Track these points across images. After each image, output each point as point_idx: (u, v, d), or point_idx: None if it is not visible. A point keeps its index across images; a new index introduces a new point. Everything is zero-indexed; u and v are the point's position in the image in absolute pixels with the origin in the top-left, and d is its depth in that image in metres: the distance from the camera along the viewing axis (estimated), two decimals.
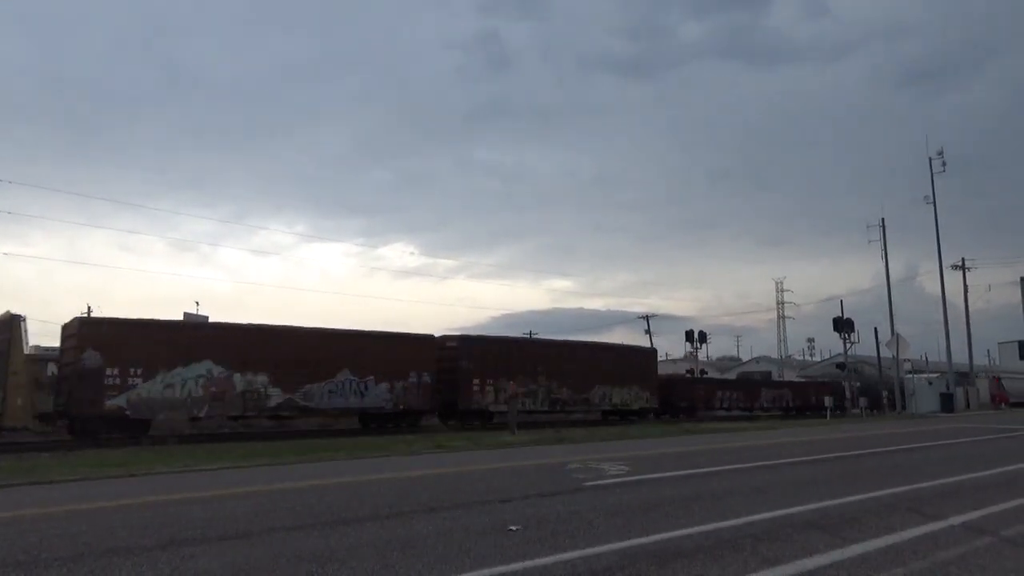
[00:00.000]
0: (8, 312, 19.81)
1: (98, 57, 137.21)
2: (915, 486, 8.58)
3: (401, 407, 23.90)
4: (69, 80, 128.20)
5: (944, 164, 46.05)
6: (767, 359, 79.61)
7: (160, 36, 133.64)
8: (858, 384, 45.26)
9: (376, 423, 23.86)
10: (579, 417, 29.80)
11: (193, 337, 21.05)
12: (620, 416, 30.65)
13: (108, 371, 18.97)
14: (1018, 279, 53.86)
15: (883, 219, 46.06)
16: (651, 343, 63.52)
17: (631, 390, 31.14)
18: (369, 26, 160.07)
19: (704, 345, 56.72)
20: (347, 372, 22.80)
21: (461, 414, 25.83)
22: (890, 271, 46.26)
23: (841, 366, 46.31)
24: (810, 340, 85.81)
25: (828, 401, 36.46)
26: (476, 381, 25.87)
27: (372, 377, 23.24)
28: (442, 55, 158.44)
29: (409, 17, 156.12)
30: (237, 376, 20.87)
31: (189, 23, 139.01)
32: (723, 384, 42.42)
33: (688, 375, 48.06)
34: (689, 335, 55.74)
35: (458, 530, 5.94)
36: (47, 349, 37.15)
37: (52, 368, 23.15)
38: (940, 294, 46.38)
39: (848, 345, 43.61)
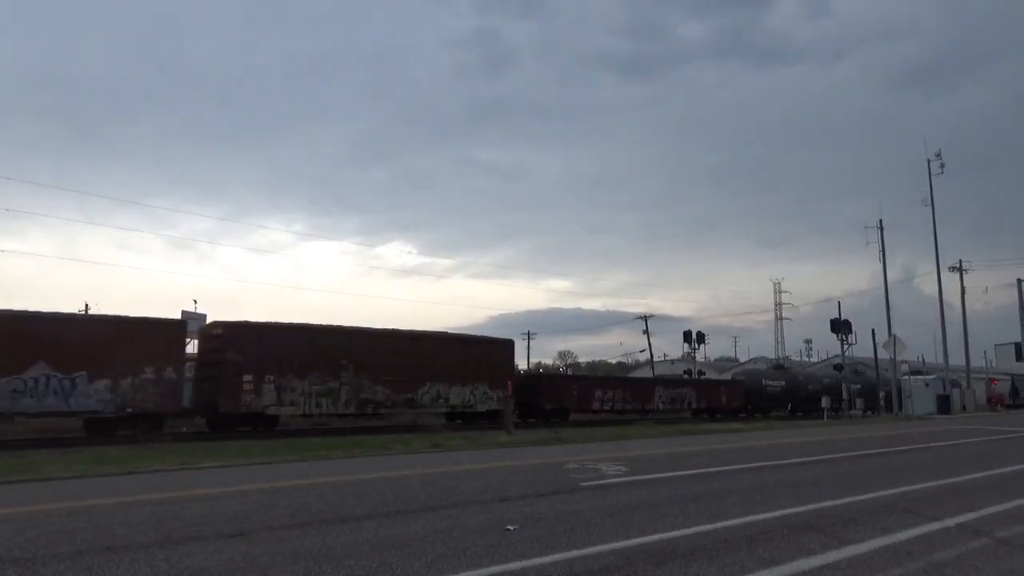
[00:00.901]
0: None
1: (97, 54, 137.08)
2: (911, 487, 8.60)
3: (130, 410, 19.24)
4: (68, 77, 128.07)
5: (942, 166, 46.13)
6: (764, 360, 79.69)
7: (159, 33, 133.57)
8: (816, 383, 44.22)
9: (101, 428, 19.22)
10: (401, 421, 25.46)
11: None
12: (463, 420, 26.45)
13: None
14: (1015, 281, 53.90)
15: (881, 220, 46.06)
16: (649, 343, 63.74)
17: (477, 389, 26.49)
18: (368, 25, 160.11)
19: (702, 346, 56.73)
20: (44, 366, 18.08)
21: (226, 419, 21.08)
22: (888, 273, 46.38)
23: (839, 367, 46.26)
24: (807, 341, 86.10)
25: (825, 402, 36.42)
26: (248, 378, 21.03)
27: (84, 372, 18.54)
28: (441, 54, 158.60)
29: (408, 16, 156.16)
30: None
31: (188, 21, 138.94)
32: (604, 382, 37.25)
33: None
34: (687, 336, 55.85)
35: (455, 529, 5.95)
36: None
37: None
38: (938, 296, 46.49)
39: (846, 347, 43.61)
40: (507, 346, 29.27)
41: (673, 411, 36.80)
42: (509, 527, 5.98)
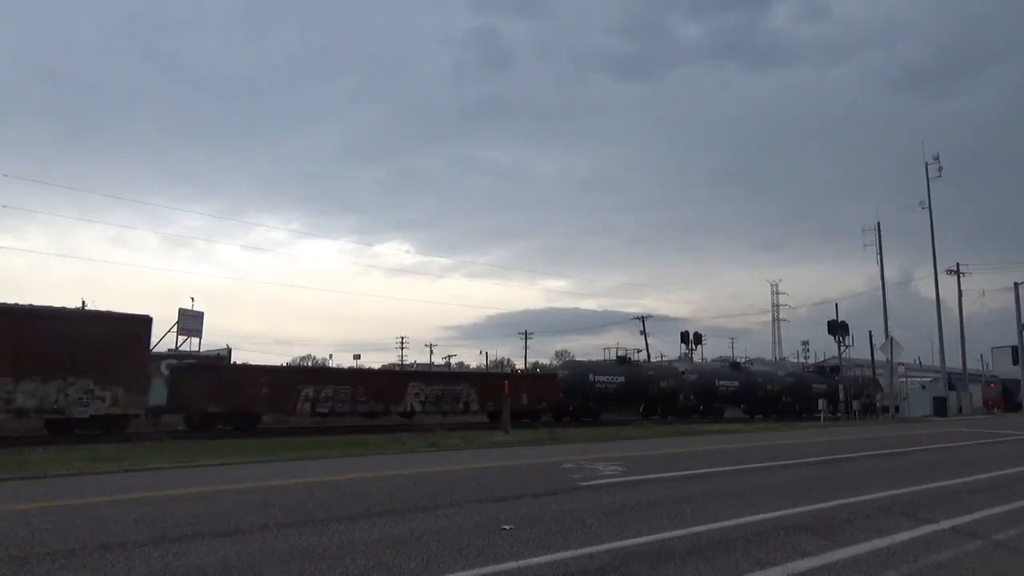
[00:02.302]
0: None
1: (94, 52, 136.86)
2: (907, 490, 8.61)
3: None
4: (65, 75, 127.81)
5: (940, 169, 46.15)
6: (762, 361, 79.67)
7: (157, 32, 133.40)
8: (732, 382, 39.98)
9: None
10: None
11: None
12: (61, 430, 18.36)
13: None
14: (1011, 284, 54.04)
15: (879, 223, 46.10)
16: (647, 344, 63.48)
17: (73, 386, 18.56)
18: (365, 24, 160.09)
19: (700, 347, 56.85)
20: None
21: None
22: (885, 275, 46.32)
23: (835, 369, 46.33)
24: (805, 343, 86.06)
25: (822, 404, 36.33)
26: None
27: None
28: (439, 53, 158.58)
29: (406, 15, 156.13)
30: None
31: (186, 20, 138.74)
32: (319, 375, 27.77)
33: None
34: (684, 336, 55.98)
35: (451, 529, 5.95)
36: None
37: None
38: (935, 298, 46.59)
39: (843, 348, 43.70)
40: (133, 324, 19.93)
41: (441, 414, 27.34)
42: (505, 527, 5.98)
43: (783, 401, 40.29)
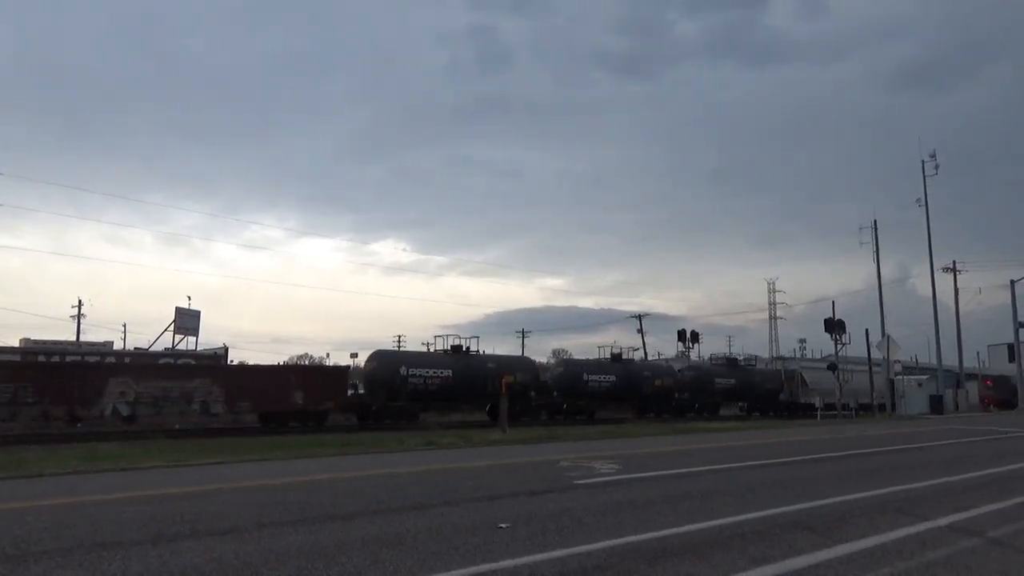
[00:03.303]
0: None
1: (91, 49, 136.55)
2: (903, 487, 8.63)
3: None
4: (61, 71, 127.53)
5: (937, 167, 46.29)
6: (759, 359, 79.72)
7: (154, 29, 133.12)
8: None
9: None
10: None
11: None
12: None
13: None
14: (1007, 282, 54.15)
15: (875, 221, 46.18)
16: (643, 342, 63.67)
17: None
18: (362, 21, 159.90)
19: (696, 345, 56.95)
20: None
21: None
22: (883, 273, 46.43)
23: (833, 367, 46.34)
24: (802, 341, 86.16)
25: (818, 401, 36.36)
26: None
27: None
28: (436, 51, 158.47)
29: (403, 12, 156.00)
30: None
31: (183, 16, 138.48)
32: None
33: None
34: (681, 334, 56.10)
35: (448, 527, 5.95)
36: (36, 342, 37.14)
37: None
38: (931, 296, 46.70)
39: (839, 347, 43.73)
40: None
41: (172, 417, 22.07)
42: (501, 525, 5.97)
43: (677, 398, 36.42)
